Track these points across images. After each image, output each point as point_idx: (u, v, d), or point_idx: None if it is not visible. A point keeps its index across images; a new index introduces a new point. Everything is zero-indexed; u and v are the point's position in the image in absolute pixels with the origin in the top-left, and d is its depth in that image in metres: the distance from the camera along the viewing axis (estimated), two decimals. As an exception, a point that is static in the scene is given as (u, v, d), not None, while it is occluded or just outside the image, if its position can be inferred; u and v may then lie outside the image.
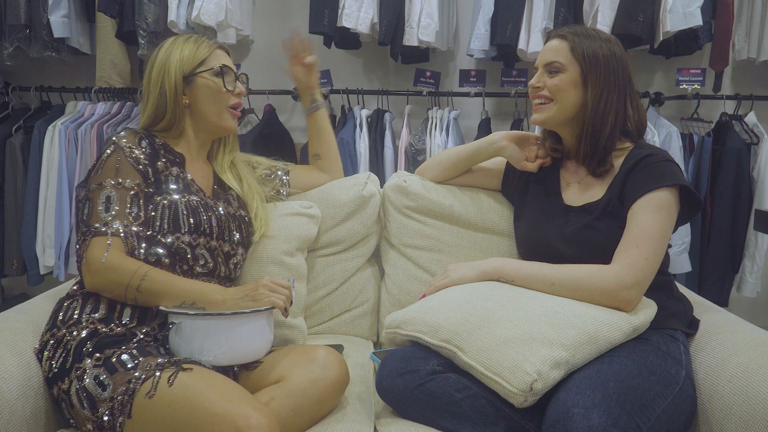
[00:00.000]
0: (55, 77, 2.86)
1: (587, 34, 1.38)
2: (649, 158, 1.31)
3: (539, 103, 1.42)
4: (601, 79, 1.35)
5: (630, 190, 1.30)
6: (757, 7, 2.55)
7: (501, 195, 1.69)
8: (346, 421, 1.24)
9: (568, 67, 1.36)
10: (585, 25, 1.44)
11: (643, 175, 1.30)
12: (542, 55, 1.42)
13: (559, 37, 1.40)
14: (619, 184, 1.33)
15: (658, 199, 1.26)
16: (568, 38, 1.38)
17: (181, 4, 2.45)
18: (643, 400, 1.06)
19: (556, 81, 1.37)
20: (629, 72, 1.39)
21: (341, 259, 1.71)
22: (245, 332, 1.22)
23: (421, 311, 1.32)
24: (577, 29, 1.40)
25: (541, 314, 1.20)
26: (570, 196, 1.45)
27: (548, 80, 1.39)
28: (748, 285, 2.52)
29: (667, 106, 2.64)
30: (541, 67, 1.41)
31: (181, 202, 1.34)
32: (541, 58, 1.42)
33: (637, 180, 1.30)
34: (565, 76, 1.37)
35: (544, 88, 1.39)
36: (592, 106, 1.35)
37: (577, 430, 0.99)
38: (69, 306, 1.27)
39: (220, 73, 1.43)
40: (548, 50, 1.40)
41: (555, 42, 1.40)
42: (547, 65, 1.39)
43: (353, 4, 2.43)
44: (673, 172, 1.29)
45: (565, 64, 1.37)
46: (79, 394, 1.13)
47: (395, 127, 2.68)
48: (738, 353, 1.19)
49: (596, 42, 1.36)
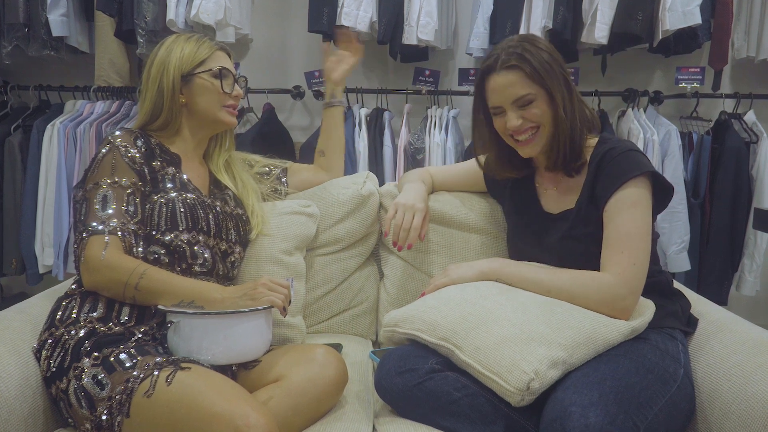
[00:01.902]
0: (53, 76, 2.85)
1: (525, 50, 1.31)
2: (611, 152, 1.30)
3: (527, 137, 1.35)
4: (560, 85, 1.31)
5: (600, 191, 1.30)
6: (757, 5, 2.55)
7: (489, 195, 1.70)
8: (344, 420, 1.24)
9: (536, 93, 1.31)
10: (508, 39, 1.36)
11: (608, 172, 1.29)
12: (502, 93, 1.32)
13: (507, 68, 1.31)
14: (589, 187, 1.33)
15: (630, 195, 1.26)
16: (519, 65, 1.30)
17: (180, 3, 2.44)
18: (640, 398, 1.06)
19: (535, 110, 1.32)
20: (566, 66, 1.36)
21: (340, 258, 1.71)
22: (244, 331, 1.21)
23: (419, 310, 1.32)
24: (512, 49, 1.31)
25: (539, 314, 1.21)
26: (548, 203, 1.44)
27: (525, 113, 1.32)
28: (748, 284, 2.52)
29: (667, 104, 2.64)
30: (509, 105, 1.33)
31: (178, 200, 1.34)
32: (502, 97, 1.33)
33: (605, 178, 1.29)
34: (538, 101, 1.32)
35: (527, 121, 1.33)
36: (565, 114, 1.32)
37: (574, 429, 0.99)
38: (67, 305, 1.26)
39: (219, 75, 1.43)
40: (507, 86, 1.31)
41: (509, 75, 1.31)
42: (516, 101, 1.32)
43: (352, 3, 2.43)
44: (637, 161, 1.28)
45: (535, 91, 1.31)
46: (78, 393, 1.13)
47: (394, 125, 2.68)
48: (737, 352, 1.19)
49: (538, 53, 1.30)
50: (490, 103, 1.37)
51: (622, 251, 1.24)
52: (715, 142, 2.48)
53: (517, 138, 1.36)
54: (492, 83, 1.34)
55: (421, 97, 2.67)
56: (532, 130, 1.34)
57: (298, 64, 2.86)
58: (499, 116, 1.37)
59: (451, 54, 2.83)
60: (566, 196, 1.40)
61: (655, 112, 2.54)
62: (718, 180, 2.46)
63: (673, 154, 2.41)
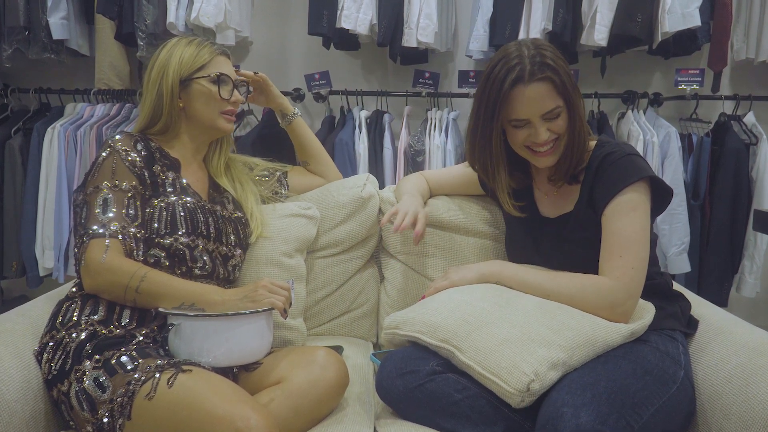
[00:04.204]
0: (54, 79, 2.85)
1: (550, 59, 1.26)
2: (610, 157, 1.29)
3: (548, 149, 1.31)
4: (578, 95, 1.30)
5: (598, 196, 1.29)
6: (756, 7, 2.55)
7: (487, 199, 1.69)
8: (345, 422, 1.24)
9: (563, 106, 1.28)
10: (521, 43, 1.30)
11: (607, 177, 1.28)
12: (532, 105, 1.26)
13: (541, 80, 1.25)
14: (587, 191, 1.32)
15: (629, 200, 1.25)
16: (551, 77, 1.25)
17: (180, 6, 2.45)
18: (635, 398, 1.07)
19: (560, 122, 1.29)
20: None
21: (341, 261, 1.71)
22: (245, 333, 1.22)
23: (419, 312, 1.32)
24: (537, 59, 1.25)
25: (539, 316, 1.21)
26: (546, 207, 1.44)
27: (552, 126, 1.28)
28: (748, 285, 2.52)
29: (666, 106, 2.65)
30: (537, 118, 1.28)
31: (178, 204, 1.34)
32: (532, 109, 1.27)
33: (604, 184, 1.29)
34: (564, 112, 1.29)
35: (552, 133, 1.30)
36: (578, 123, 1.30)
37: (566, 429, 1.00)
38: (68, 308, 1.27)
39: (217, 81, 1.43)
40: (539, 98, 1.26)
41: (541, 87, 1.25)
42: (546, 114, 1.27)
43: (352, 5, 2.43)
44: (636, 166, 1.27)
45: (563, 104, 1.28)
46: (79, 395, 1.13)
47: (394, 128, 2.68)
48: (737, 353, 1.19)
49: (560, 62, 1.27)
50: (515, 115, 1.28)
51: (621, 255, 1.24)
52: (715, 144, 2.48)
53: (536, 149, 1.32)
54: (519, 95, 1.26)
55: (421, 100, 2.67)
56: (554, 141, 1.31)
57: (298, 66, 2.87)
58: (521, 128, 1.31)
59: (451, 56, 2.83)
60: (564, 200, 1.40)
61: (654, 113, 2.54)
62: (717, 181, 2.46)
63: (672, 156, 2.41)
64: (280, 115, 1.72)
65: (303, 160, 1.76)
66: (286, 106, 1.71)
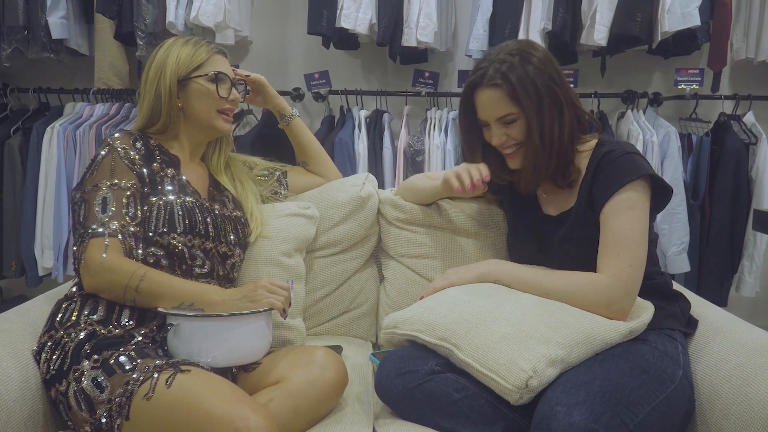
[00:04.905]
0: (53, 78, 2.85)
1: (512, 65, 1.28)
2: (610, 155, 1.30)
3: (512, 152, 1.37)
4: (544, 103, 1.30)
5: (597, 194, 1.29)
6: (755, 6, 2.55)
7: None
8: (344, 422, 1.24)
9: (518, 113, 1.31)
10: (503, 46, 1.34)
11: (606, 176, 1.28)
12: (487, 110, 1.34)
13: (491, 87, 1.30)
14: (586, 189, 1.33)
15: (627, 199, 1.25)
16: (502, 84, 1.29)
17: (180, 5, 2.45)
18: (630, 397, 1.07)
19: (517, 129, 1.32)
20: (561, 74, 1.34)
21: (340, 260, 1.71)
22: (244, 333, 1.21)
23: (418, 311, 1.32)
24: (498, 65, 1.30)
25: (537, 313, 1.21)
26: (547, 205, 1.44)
27: (509, 131, 1.33)
28: (747, 285, 2.52)
29: (666, 106, 2.65)
30: (493, 122, 1.34)
31: (176, 202, 1.34)
32: (487, 113, 1.34)
33: (603, 182, 1.29)
34: (522, 119, 1.31)
35: (510, 138, 1.34)
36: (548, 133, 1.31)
37: (559, 428, 1.00)
38: (67, 307, 1.26)
39: (215, 80, 1.42)
40: (490, 104, 1.32)
41: (492, 93, 1.31)
42: (500, 119, 1.33)
43: (352, 5, 2.43)
44: (635, 165, 1.27)
45: (517, 111, 1.30)
46: (77, 395, 1.12)
47: (394, 127, 2.68)
48: (737, 353, 1.19)
49: (525, 69, 1.28)
50: (478, 116, 1.38)
51: (619, 253, 1.24)
52: (715, 144, 2.49)
53: (503, 150, 1.38)
54: (478, 98, 1.35)
55: (420, 99, 2.67)
56: (516, 146, 1.35)
57: (298, 66, 2.87)
58: (486, 129, 1.39)
59: (451, 56, 2.83)
60: (566, 198, 1.40)
61: (654, 113, 2.54)
62: (717, 181, 2.46)
63: (672, 156, 2.41)
64: (278, 116, 1.72)
65: (302, 160, 1.76)
66: (284, 106, 1.70)
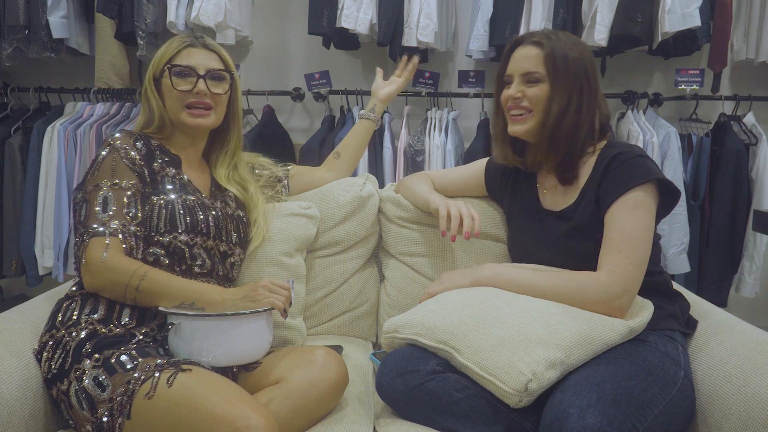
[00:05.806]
0: (53, 78, 2.86)
1: (558, 38, 1.34)
2: (620, 157, 1.30)
3: (518, 114, 1.38)
4: (577, 85, 1.32)
5: (605, 193, 1.30)
6: (756, 7, 2.55)
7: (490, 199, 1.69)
8: (345, 422, 1.24)
9: (546, 77, 1.33)
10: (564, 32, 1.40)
11: (615, 176, 1.29)
12: (518, 63, 1.36)
13: (533, 44, 1.35)
14: (594, 188, 1.33)
15: (633, 199, 1.26)
16: (544, 45, 1.33)
17: (180, 5, 2.45)
18: (639, 400, 1.06)
19: (536, 91, 1.34)
20: (597, 78, 1.37)
21: (340, 260, 1.71)
22: (244, 333, 1.22)
23: (417, 314, 1.32)
24: (548, 33, 1.36)
25: (536, 315, 1.21)
26: (549, 200, 1.45)
27: (527, 90, 1.35)
28: (747, 285, 2.53)
29: (666, 106, 2.65)
30: (518, 76, 1.36)
31: (177, 201, 1.34)
32: (516, 66, 1.37)
33: (611, 182, 1.29)
34: (545, 85, 1.33)
35: (524, 98, 1.36)
36: (570, 115, 1.32)
37: (572, 431, 0.99)
38: (68, 307, 1.26)
39: (175, 72, 1.38)
40: (524, 58, 1.35)
41: (531, 49, 1.35)
42: (525, 75, 1.35)
43: (352, 5, 2.43)
44: (645, 167, 1.28)
45: (544, 73, 1.33)
46: (78, 395, 1.13)
47: (394, 127, 2.68)
48: (737, 354, 1.19)
49: (568, 46, 1.33)
50: (507, 71, 1.40)
51: (621, 251, 1.24)
52: (715, 144, 2.49)
53: (510, 110, 1.39)
54: (515, 53, 1.39)
55: (420, 99, 2.68)
56: (524, 110, 1.37)
57: (298, 65, 2.87)
58: (506, 88, 1.40)
59: (451, 56, 2.83)
60: (568, 194, 1.40)
61: (654, 114, 2.54)
62: (717, 182, 2.46)
63: (672, 156, 2.42)
64: (369, 108, 1.77)
65: (338, 151, 1.78)
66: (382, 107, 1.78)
